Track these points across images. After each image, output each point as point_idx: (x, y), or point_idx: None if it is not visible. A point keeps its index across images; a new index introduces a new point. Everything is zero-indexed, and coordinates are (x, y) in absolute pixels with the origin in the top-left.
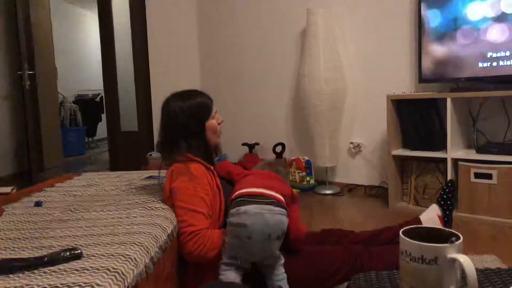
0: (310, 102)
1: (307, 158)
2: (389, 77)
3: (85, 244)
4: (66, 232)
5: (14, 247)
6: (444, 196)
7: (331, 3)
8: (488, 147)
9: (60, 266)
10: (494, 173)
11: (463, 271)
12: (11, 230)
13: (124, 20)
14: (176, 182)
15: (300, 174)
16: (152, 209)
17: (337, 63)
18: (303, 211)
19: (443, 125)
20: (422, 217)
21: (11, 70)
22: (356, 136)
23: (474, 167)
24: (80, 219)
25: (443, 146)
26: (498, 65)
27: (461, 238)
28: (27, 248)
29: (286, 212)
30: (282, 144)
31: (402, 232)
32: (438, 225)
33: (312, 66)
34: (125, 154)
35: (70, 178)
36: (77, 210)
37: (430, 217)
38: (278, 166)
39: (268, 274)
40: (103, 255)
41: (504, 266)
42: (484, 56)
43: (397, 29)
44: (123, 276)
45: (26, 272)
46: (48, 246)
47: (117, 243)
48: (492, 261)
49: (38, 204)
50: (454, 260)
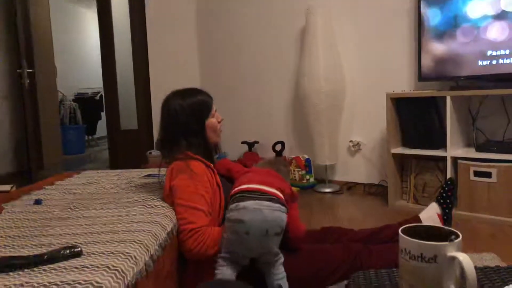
0: (310, 101)
1: (307, 157)
2: (389, 76)
3: (85, 242)
4: (66, 230)
5: (14, 245)
6: (444, 195)
7: (331, 2)
8: (488, 146)
9: (60, 264)
10: (494, 172)
11: (463, 269)
12: (11, 228)
13: (124, 18)
14: (176, 180)
15: (300, 172)
16: (152, 207)
17: (337, 62)
18: (303, 209)
19: (443, 124)
20: (422, 216)
21: (11, 69)
22: (356, 135)
23: (474, 166)
24: (80, 217)
25: (443, 145)
26: (498, 63)
27: (461, 237)
28: (27, 246)
29: (285, 209)
30: (282, 143)
31: (402, 231)
32: (438, 224)
33: (312, 65)
34: (125, 152)
35: (70, 176)
36: (77, 208)
37: (430, 216)
38: (279, 165)
39: (268, 273)
40: (103, 253)
41: (503, 264)
42: (484, 54)
43: (397, 28)
44: (123, 274)
45: (26, 270)
46: (48, 244)
47: (117, 241)
48: (492, 259)
49: (38, 202)
50: (454, 258)
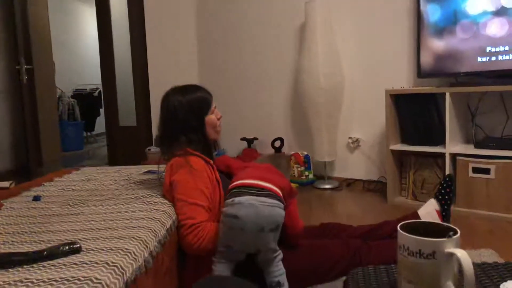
0: (309, 97)
1: (306, 153)
2: (388, 72)
3: (84, 238)
4: (65, 227)
5: (13, 241)
6: (442, 191)
7: None
8: (487, 142)
9: (59, 260)
10: (492, 168)
11: (461, 266)
12: (10, 225)
13: (122, 14)
14: (176, 175)
15: (299, 169)
16: (151, 204)
17: (336, 58)
18: (302, 206)
19: (442, 120)
20: (420, 212)
21: (9, 65)
22: (355, 131)
23: (472, 162)
24: (79, 214)
25: (442, 141)
26: (497, 60)
27: (459, 233)
28: (26, 242)
29: (283, 205)
30: (281, 139)
31: (400, 227)
32: (436, 220)
33: (311, 61)
34: (124, 149)
35: (69, 173)
36: (76, 205)
37: (428, 212)
38: (279, 160)
39: (266, 270)
40: (102, 249)
41: (501, 261)
42: (483, 51)
43: (396, 24)
44: (122, 270)
45: (25, 266)
46: (47, 240)
47: (116, 238)
48: (490, 255)
49: (37, 199)
50: (452, 255)
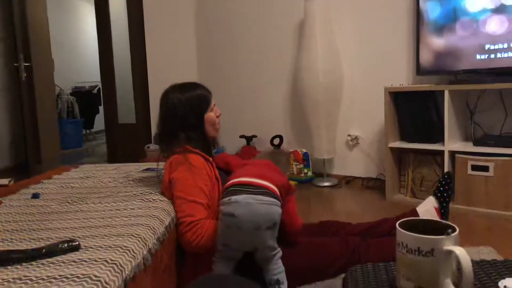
0: (308, 95)
1: (305, 151)
2: (387, 69)
3: (83, 236)
4: (64, 224)
5: (12, 239)
6: (441, 188)
7: None
8: (485, 140)
9: (58, 258)
10: (491, 166)
11: (459, 263)
12: (9, 222)
13: (121, 11)
14: (176, 173)
15: (298, 166)
16: (150, 201)
17: (335, 55)
18: (301, 203)
19: (441, 118)
20: (419, 209)
21: (8, 63)
22: (354, 128)
23: (471, 160)
24: (78, 211)
25: (441, 139)
26: (496, 57)
27: (457, 230)
28: (25, 240)
29: (279, 203)
30: (280, 137)
31: (399, 224)
32: (435, 217)
33: (310, 59)
34: (123, 147)
35: (68, 170)
36: (75, 202)
37: (427, 209)
38: (279, 157)
39: (265, 268)
40: (101, 247)
41: (500, 258)
42: (482, 48)
43: (396, 21)
44: (121, 268)
45: (24, 264)
46: (46, 238)
47: (115, 235)
48: (488, 253)
49: (36, 196)
50: (450, 252)
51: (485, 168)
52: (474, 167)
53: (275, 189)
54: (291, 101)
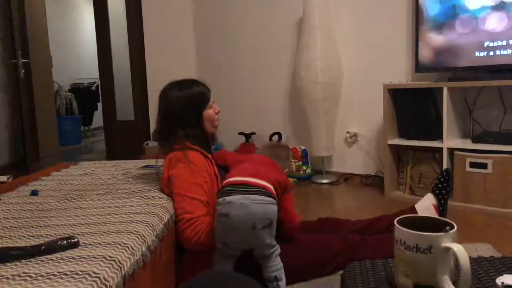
0: (307, 92)
1: (304, 148)
2: (386, 66)
3: (82, 233)
4: (63, 221)
5: (11, 236)
6: (440, 186)
7: None
8: (484, 137)
9: (57, 255)
10: (490, 163)
11: (457, 260)
12: (8, 219)
13: (120, 7)
14: (175, 169)
15: (297, 164)
16: (149, 198)
17: (334, 52)
18: (300, 200)
19: (440, 115)
20: (418, 206)
21: (6, 59)
22: (353, 126)
23: (470, 157)
24: (77, 208)
25: (439, 136)
26: (495, 54)
27: (455, 227)
28: (24, 237)
29: (275, 201)
30: (279, 134)
31: (397, 221)
32: (433, 214)
33: (309, 56)
34: (121, 143)
35: (66, 167)
36: (74, 199)
37: (426, 206)
38: (278, 150)
39: (264, 265)
40: (100, 244)
41: (498, 255)
42: (481, 45)
43: (395, 18)
44: (120, 265)
45: (23, 261)
46: (45, 235)
47: (114, 232)
48: (486, 250)
49: (34, 193)
50: (448, 249)
51: (484, 165)
52: (473, 164)
53: (271, 188)
54: (290, 99)
